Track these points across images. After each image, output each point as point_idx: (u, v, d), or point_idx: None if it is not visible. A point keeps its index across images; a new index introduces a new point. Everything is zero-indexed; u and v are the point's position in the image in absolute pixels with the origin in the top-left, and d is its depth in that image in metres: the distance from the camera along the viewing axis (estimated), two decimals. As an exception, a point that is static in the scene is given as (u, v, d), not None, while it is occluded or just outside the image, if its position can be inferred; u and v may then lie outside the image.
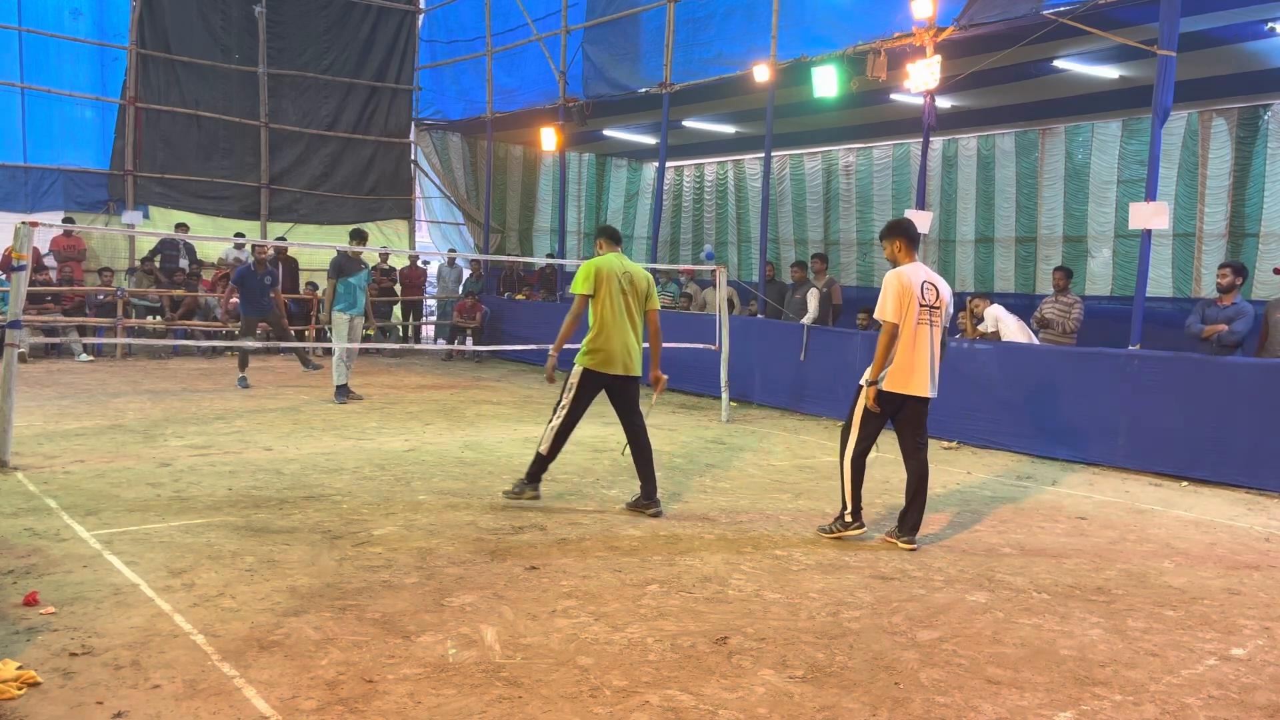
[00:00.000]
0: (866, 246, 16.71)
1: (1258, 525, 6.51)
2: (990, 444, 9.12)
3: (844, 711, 3.43)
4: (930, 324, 5.51)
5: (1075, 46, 10.35)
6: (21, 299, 7.00)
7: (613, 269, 6.08)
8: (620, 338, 6.02)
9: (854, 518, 5.68)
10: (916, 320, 5.46)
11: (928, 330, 5.49)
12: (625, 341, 6.05)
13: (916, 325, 5.46)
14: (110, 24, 15.70)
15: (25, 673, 3.42)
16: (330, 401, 10.60)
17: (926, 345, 5.48)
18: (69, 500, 5.97)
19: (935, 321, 5.54)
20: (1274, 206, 12.13)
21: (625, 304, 6.06)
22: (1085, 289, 13.56)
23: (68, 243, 14.83)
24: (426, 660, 3.74)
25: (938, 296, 5.56)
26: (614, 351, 6.02)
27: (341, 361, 10.67)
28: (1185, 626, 4.45)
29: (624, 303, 6.05)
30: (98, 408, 9.68)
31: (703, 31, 12.93)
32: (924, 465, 5.66)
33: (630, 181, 21.10)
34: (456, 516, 5.95)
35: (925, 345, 5.47)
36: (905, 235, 5.64)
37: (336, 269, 10.71)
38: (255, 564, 4.85)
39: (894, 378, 5.47)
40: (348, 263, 10.75)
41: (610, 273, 6.06)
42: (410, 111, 18.70)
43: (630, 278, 6.12)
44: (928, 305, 5.49)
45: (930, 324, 5.51)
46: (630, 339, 6.08)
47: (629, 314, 6.09)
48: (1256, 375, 7.61)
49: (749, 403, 11.52)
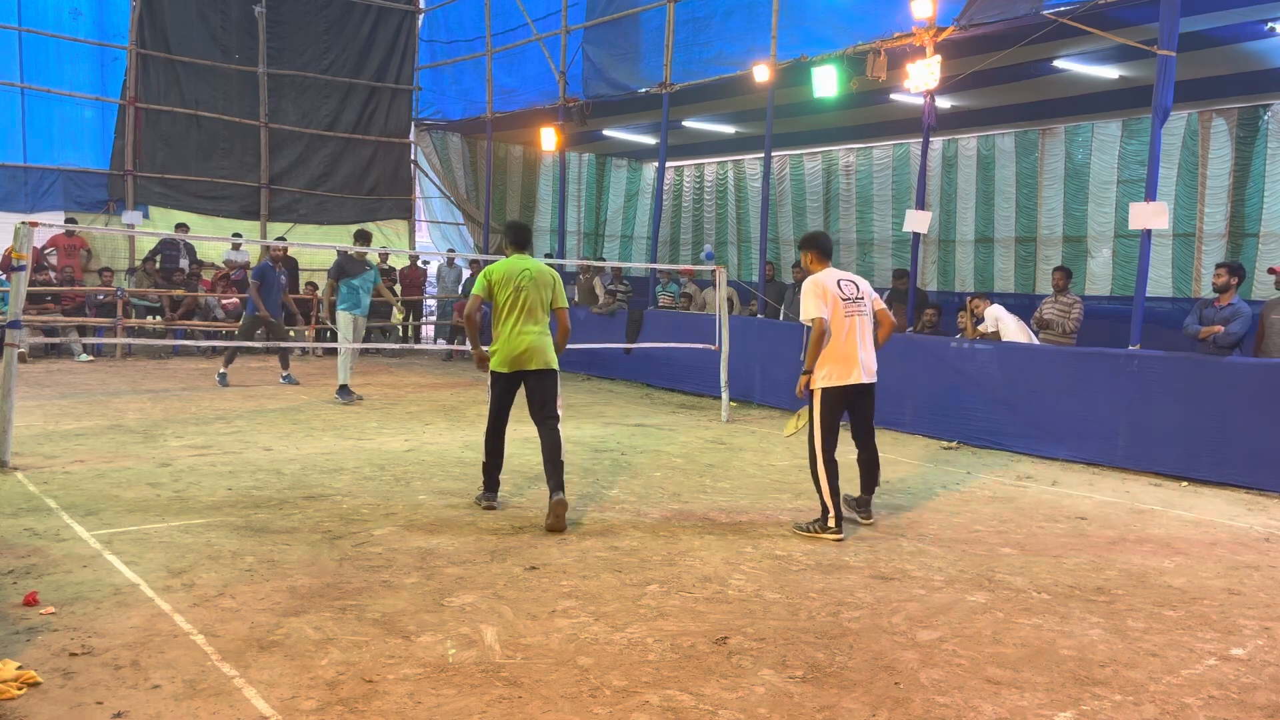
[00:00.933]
0: (867, 246, 16.71)
1: (1258, 525, 6.51)
2: (990, 444, 9.12)
3: (844, 711, 3.43)
4: (858, 314, 5.94)
5: (1075, 46, 10.35)
6: (21, 299, 7.00)
7: (509, 270, 6.10)
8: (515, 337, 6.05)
9: (836, 524, 5.76)
10: (844, 314, 5.88)
11: (856, 321, 5.91)
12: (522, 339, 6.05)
13: (845, 319, 5.88)
14: (110, 24, 15.70)
15: (25, 673, 3.42)
16: (333, 400, 10.60)
17: (857, 336, 5.90)
18: (69, 500, 5.97)
19: (861, 312, 5.96)
20: (1274, 206, 12.12)
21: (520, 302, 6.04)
22: (1085, 289, 13.55)
23: (68, 242, 14.83)
24: (426, 660, 3.74)
25: (857, 290, 6.02)
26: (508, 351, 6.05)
27: (346, 360, 10.71)
28: (1185, 626, 4.45)
29: (518, 301, 6.03)
30: (98, 408, 9.68)
31: (703, 31, 12.92)
32: (875, 451, 6.17)
33: (630, 181, 21.09)
34: (456, 516, 5.95)
35: (855, 336, 5.89)
36: (816, 247, 6.12)
37: (338, 270, 10.75)
38: (255, 564, 4.85)
39: (836, 373, 5.85)
40: (350, 264, 10.76)
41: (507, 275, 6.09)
42: (410, 111, 18.69)
43: (530, 275, 6.09)
44: (849, 299, 5.93)
45: (858, 314, 5.94)
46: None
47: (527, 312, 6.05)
48: (1257, 375, 7.61)
49: (749, 403, 11.52)
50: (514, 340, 6.00)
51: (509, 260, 6.16)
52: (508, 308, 6.02)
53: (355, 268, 10.78)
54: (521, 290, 6.02)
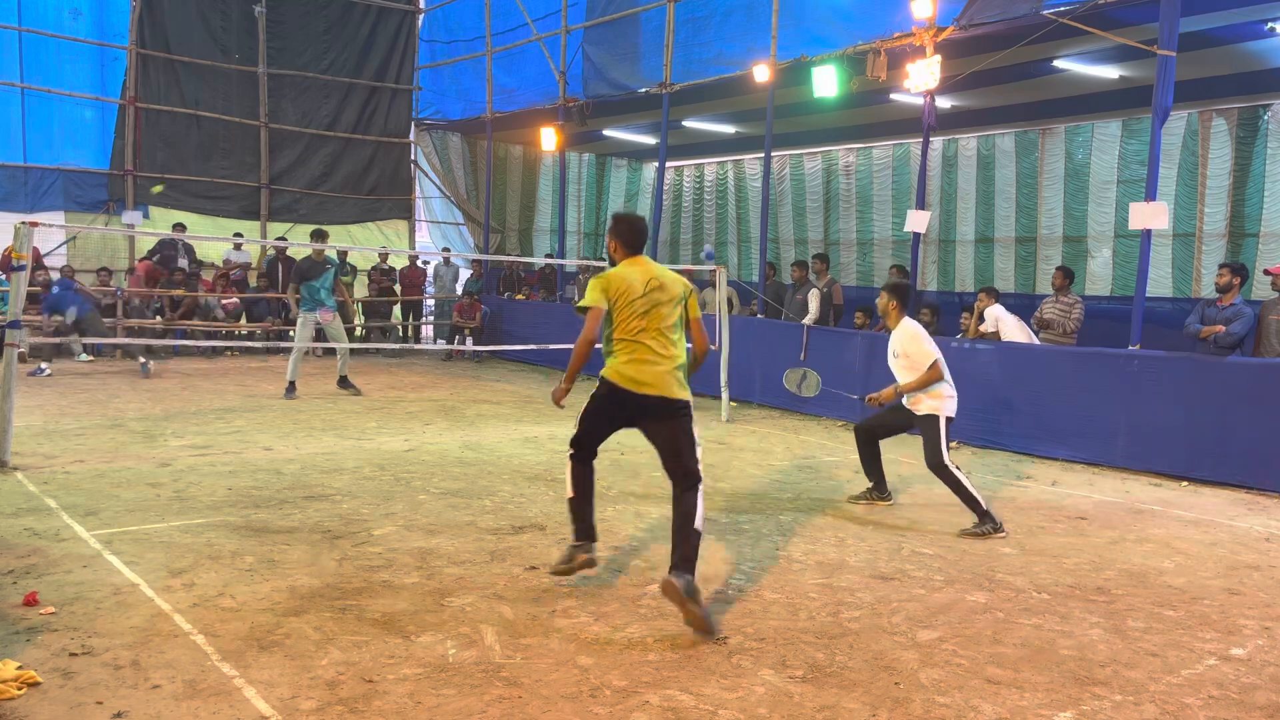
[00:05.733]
0: (866, 246, 16.70)
1: (1258, 525, 6.51)
2: (990, 444, 9.12)
3: (844, 711, 3.43)
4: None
5: (1075, 46, 10.34)
6: (21, 299, 7.00)
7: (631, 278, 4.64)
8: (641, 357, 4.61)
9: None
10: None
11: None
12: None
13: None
14: (110, 24, 15.69)
15: (25, 673, 3.42)
16: (286, 397, 10.75)
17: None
18: (69, 500, 5.97)
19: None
20: (1274, 206, 12.11)
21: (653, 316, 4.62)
22: (1085, 289, 13.54)
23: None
24: (426, 660, 3.74)
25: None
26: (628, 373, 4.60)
27: (298, 360, 10.91)
28: (1185, 626, 4.45)
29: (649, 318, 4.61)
30: (98, 408, 9.68)
31: (703, 31, 12.92)
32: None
33: (630, 181, 21.09)
34: (456, 516, 5.95)
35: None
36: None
37: (298, 274, 10.88)
38: (255, 564, 4.85)
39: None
40: (310, 267, 10.86)
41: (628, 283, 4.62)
42: (410, 111, 18.69)
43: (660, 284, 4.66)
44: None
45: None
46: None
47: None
48: (1257, 375, 7.61)
49: (749, 403, 11.52)
50: (642, 370, 4.52)
51: (623, 268, 4.66)
52: (632, 328, 4.54)
53: (315, 270, 10.85)
54: (658, 305, 4.58)
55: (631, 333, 4.56)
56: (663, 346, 4.57)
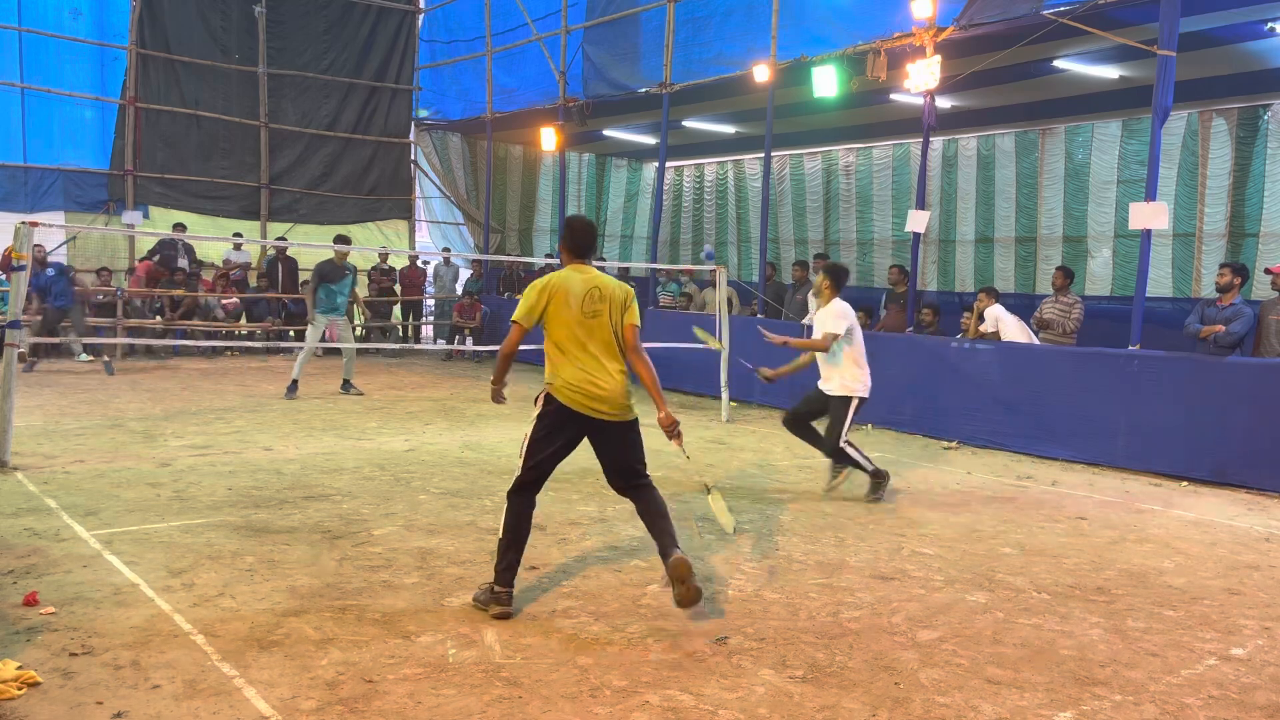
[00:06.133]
0: (866, 246, 16.70)
1: (1258, 525, 6.51)
2: (990, 444, 9.12)
3: (844, 711, 3.43)
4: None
5: (1075, 46, 10.35)
6: (21, 299, 7.00)
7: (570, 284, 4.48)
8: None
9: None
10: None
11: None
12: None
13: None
14: (110, 24, 15.69)
15: (25, 673, 3.42)
16: (286, 396, 10.82)
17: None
18: (69, 500, 5.97)
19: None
20: (1274, 206, 12.11)
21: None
22: (1085, 289, 13.54)
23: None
24: (426, 660, 3.74)
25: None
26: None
27: (304, 360, 11.02)
28: (1185, 626, 4.45)
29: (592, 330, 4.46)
30: (98, 408, 9.68)
31: (702, 31, 12.92)
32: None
33: (630, 181, 21.09)
34: (456, 516, 5.95)
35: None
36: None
37: (318, 276, 10.98)
38: (255, 564, 4.85)
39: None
40: (331, 270, 10.97)
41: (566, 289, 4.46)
42: (410, 111, 18.69)
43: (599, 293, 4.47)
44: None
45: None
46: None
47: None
48: (1257, 375, 7.61)
49: (749, 403, 11.52)
50: (587, 385, 4.38)
51: (566, 273, 4.50)
52: (574, 340, 4.40)
53: (336, 274, 10.97)
54: (598, 315, 4.41)
55: (576, 344, 4.40)
56: (610, 359, 4.44)
